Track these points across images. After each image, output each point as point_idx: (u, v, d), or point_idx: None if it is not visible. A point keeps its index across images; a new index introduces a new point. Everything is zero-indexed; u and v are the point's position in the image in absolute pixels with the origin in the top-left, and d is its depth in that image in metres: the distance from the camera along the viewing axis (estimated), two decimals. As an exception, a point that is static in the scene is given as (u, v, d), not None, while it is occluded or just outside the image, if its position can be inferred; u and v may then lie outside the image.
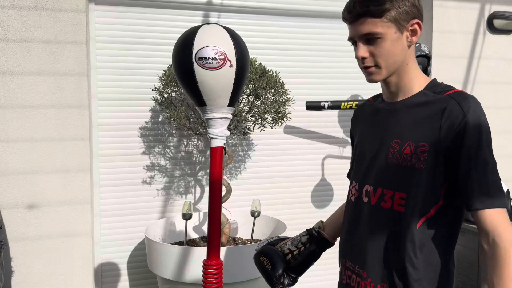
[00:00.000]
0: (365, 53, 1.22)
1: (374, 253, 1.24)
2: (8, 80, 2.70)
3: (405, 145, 1.21)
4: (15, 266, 2.76)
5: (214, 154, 1.51)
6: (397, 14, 1.17)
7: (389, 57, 1.20)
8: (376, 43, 1.20)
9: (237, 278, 2.48)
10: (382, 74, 1.24)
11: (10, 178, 2.73)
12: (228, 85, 1.36)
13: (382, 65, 1.22)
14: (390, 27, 1.18)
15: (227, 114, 1.47)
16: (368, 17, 1.18)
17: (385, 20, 1.17)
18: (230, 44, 1.34)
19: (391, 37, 1.19)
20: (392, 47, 1.20)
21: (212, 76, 1.32)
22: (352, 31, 1.25)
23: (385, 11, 1.17)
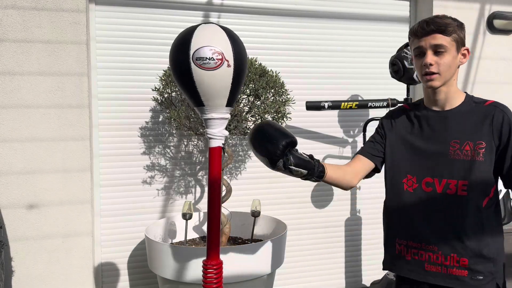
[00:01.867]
0: (433, 61, 1.55)
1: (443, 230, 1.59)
2: (8, 80, 2.70)
3: (464, 143, 1.57)
4: (15, 266, 2.76)
5: (213, 154, 1.51)
6: (458, 37, 1.57)
7: (448, 68, 1.56)
8: (441, 54, 1.55)
9: (237, 278, 2.48)
10: (440, 81, 1.58)
11: (11, 178, 2.73)
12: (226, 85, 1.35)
13: (442, 74, 1.56)
14: (452, 45, 1.56)
15: (225, 114, 1.47)
16: (440, 34, 1.54)
17: (450, 39, 1.55)
18: (228, 44, 1.33)
19: (452, 53, 1.56)
20: (451, 62, 1.56)
21: (210, 76, 1.32)
22: (422, 43, 1.57)
23: (453, 32, 1.55)
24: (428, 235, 1.61)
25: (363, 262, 3.68)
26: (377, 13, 3.56)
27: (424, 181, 1.63)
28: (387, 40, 3.57)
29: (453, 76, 1.59)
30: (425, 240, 1.62)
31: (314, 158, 1.69)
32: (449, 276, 1.58)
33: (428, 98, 1.67)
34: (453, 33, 1.55)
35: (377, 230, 3.68)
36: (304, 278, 3.53)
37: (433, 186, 1.61)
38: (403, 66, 2.84)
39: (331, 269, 3.60)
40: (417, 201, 1.64)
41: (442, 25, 1.54)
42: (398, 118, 1.77)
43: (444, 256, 1.58)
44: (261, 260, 2.58)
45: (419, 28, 1.57)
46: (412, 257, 1.66)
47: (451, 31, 1.54)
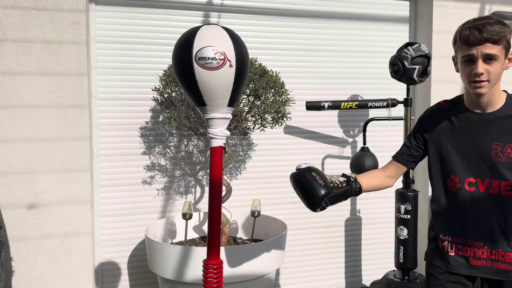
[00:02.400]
0: (483, 70, 1.56)
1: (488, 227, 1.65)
2: (8, 80, 2.70)
3: (506, 146, 1.61)
4: (16, 266, 2.76)
5: (214, 154, 1.51)
6: (507, 44, 1.58)
7: (496, 75, 1.58)
8: (491, 63, 1.56)
9: (237, 278, 2.48)
10: (487, 88, 1.60)
11: (11, 178, 2.73)
12: (227, 85, 1.36)
13: (492, 81, 1.58)
14: (502, 53, 1.57)
15: (227, 114, 1.47)
16: (491, 43, 1.55)
17: (501, 47, 1.56)
18: (230, 45, 1.34)
19: (501, 60, 1.58)
20: (500, 68, 1.59)
21: (212, 76, 1.32)
22: (474, 51, 1.57)
23: (503, 40, 1.56)
24: (473, 232, 1.68)
25: (363, 262, 3.68)
26: (377, 13, 3.56)
27: (466, 181, 1.69)
28: (387, 40, 3.57)
29: (498, 80, 1.62)
30: (470, 236, 1.69)
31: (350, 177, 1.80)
32: (495, 270, 1.66)
33: (470, 100, 1.69)
34: (504, 41, 1.56)
35: (377, 230, 3.68)
36: (304, 278, 3.53)
37: (476, 186, 1.67)
38: (403, 66, 2.84)
39: (331, 269, 3.60)
40: (460, 200, 1.71)
41: (495, 34, 1.54)
42: (437, 119, 1.79)
43: (489, 251, 1.66)
44: (261, 260, 2.58)
45: (470, 35, 1.57)
46: (456, 252, 1.73)
47: (502, 39, 1.55)
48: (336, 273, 3.61)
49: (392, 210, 3.62)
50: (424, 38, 3.52)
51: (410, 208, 3.04)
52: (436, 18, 3.46)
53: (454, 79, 3.49)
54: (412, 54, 2.83)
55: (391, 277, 3.18)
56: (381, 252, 3.70)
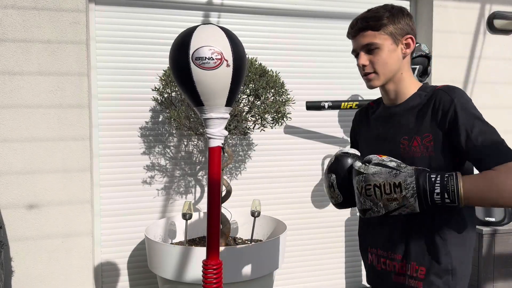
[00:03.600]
0: (365, 61, 1.43)
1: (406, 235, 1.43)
2: (8, 80, 2.70)
3: (412, 139, 1.40)
4: (15, 266, 2.76)
5: (212, 154, 1.51)
6: (393, 29, 1.41)
7: (386, 65, 1.42)
8: (375, 53, 1.42)
9: (237, 278, 2.48)
10: (380, 80, 1.45)
11: (10, 178, 2.73)
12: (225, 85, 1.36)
13: (380, 72, 1.43)
14: (386, 39, 1.41)
15: (224, 114, 1.47)
16: (368, 31, 1.41)
17: (382, 33, 1.41)
18: (227, 44, 1.34)
19: (388, 48, 1.41)
20: (388, 57, 1.42)
21: (209, 76, 1.32)
22: (354, 44, 1.47)
23: (383, 25, 1.40)
24: (393, 242, 1.46)
25: (363, 262, 3.67)
26: (377, 13, 3.56)
27: None
28: (387, 40, 3.56)
29: (398, 70, 1.44)
30: (391, 247, 1.47)
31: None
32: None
33: (382, 96, 1.55)
34: (384, 26, 1.40)
35: (377, 230, 3.68)
36: (304, 278, 3.53)
37: None
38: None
39: (331, 269, 3.60)
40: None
41: (370, 20, 1.41)
42: (360, 119, 1.66)
43: (407, 265, 1.42)
44: (261, 260, 2.58)
45: (349, 27, 1.47)
46: (381, 267, 1.51)
47: (380, 24, 1.40)
48: (336, 273, 3.61)
49: (392, 210, 3.62)
50: (424, 38, 3.52)
51: (410, 208, 3.03)
52: (436, 18, 3.46)
53: (454, 79, 3.50)
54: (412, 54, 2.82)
55: (391, 277, 3.17)
56: (381, 252, 3.69)
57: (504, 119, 3.61)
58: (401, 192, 1.25)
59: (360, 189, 1.31)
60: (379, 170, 1.29)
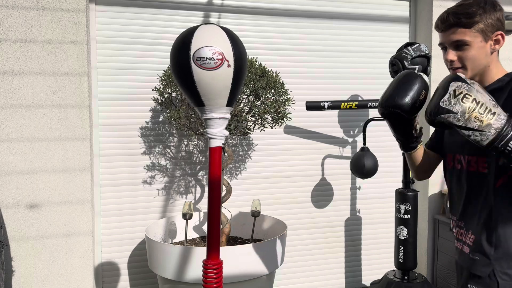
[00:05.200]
0: (453, 57, 1.46)
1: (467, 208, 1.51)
2: (8, 80, 2.70)
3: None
4: (16, 266, 2.76)
5: (213, 154, 1.51)
6: (484, 26, 1.42)
7: (474, 61, 1.45)
8: (463, 49, 1.44)
9: (237, 278, 2.48)
10: (467, 74, 1.47)
11: (11, 178, 2.73)
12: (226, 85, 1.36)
13: (468, 67, 1.46)
14: (477, 36, 1.42)
15: (225, 114, 1.47)
16: (459, 28, 1.42)
17: (473, 31, 1.41)
18: (228, 44, 1.34)
19: (478, 45, 1.43)
20: (477, 54, 1.44)
21: (210, 76, 1.32)
22: (443, 38, 1.48)
23: (474, 23, 1.41)
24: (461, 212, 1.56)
25: (363, 262, 3.68)
26: (377, 13, 3.56)
27: (455, 158, 1.59)
28: (387, 40, 3.57)
29: (486, 65, 1.47)
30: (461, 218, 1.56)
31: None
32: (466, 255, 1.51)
33: None
34: (475, 23, 1.40)
35: (377, 230, 3.68)
36: (304, 278, 3.53)
37: (461, 163, 1.56)
38: (403, 66, 2.84)
39: (331, 269, 3.60)
40: (453, 179, 1.61)
41: (461, 16, 1.41)
42: None
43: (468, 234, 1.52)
44: (261, 260, 2.58)
45: (439, 21, 1.48)
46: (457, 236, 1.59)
47: (472, 22, 1.40)
48: (336, 273, 3.61)
49: (392, 210, 3.63)
50: (424, 38, 3.52)
51: (410, 208, 3.04)
52: (436, 18, 3.45)
53: (454, 79, 3.49)
54: (412, 54, 2.83)
55: (391, 277, 3.18)
56: (381, 252, 3.70)
57: (504, 119, 3.61)
58: (491, 119, 1.28)
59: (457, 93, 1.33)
60: (483, 92, 1.34)
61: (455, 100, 1.32)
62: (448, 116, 1.31)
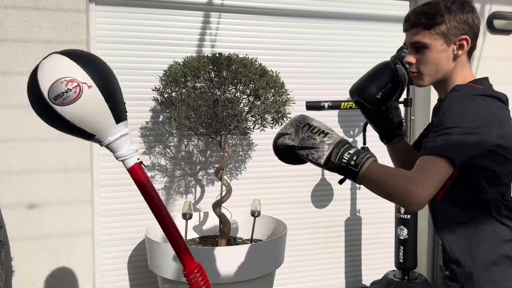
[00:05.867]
0: (411, 60, 1.36)
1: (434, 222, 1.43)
2: (8, 80, 2.70)
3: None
4: (16, 266, 2.76)
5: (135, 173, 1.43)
6: (446, 28, 1.30)
7: (432, 66, 1.33)
8: (422, 52, 1.33)
9: (237, 278, 2.48)
10: (425, 81, 1.37)
11: (11, 178, 2.73)
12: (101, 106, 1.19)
13: (425, 72, 1.35)
14: (437, 39, 1.30)
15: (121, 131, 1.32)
16: (419, 28, 1.32)
17: (433, 32, 1.30)
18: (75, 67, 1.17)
19: (437, 48, 1.31)
20: (437, 58, 1.32)
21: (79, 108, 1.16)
22: (406, 37, 1.40)
23: (435, 25, 1.30)
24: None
25: (363, 262, 3.68)
26: (377, 13, 3.56)
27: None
28: (387, 40, 3.57)
29: (447, 71, 1.34)
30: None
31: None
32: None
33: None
34: (436, 25, 1.29)
35: (377, 230, 3.68)
36: (304, 278, 3.53)
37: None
38: (403, 66, 2.84)
39: (331, 269, 3.60)
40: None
41: (422, 16, 1.31)
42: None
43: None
44: (261, 260, 2.58)
45: (404, 19, 1.39)
46: None
47: (433, 23, 1.29)
48: (336, 273, 3.61)
49: (392, 210, 3.62)
50: (424, 38, 3.52)
51: (410, 208, 3.04)
52: (436, 18, 3.45)
53: (454, 79, 3.49)
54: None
55: (391, 277, 3.18)
56: (381, 252, 3.70)
57: (504, 119, 3.60)
58: (324, 138, 1.26)
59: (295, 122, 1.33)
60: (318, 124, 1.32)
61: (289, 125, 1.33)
62: (284, 138, 1.31)
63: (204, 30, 3.23)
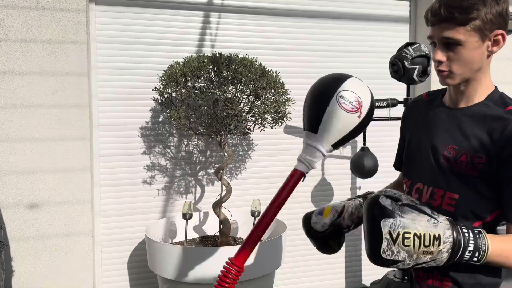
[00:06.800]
0: (442, 57, 1.24)
1: None
2: (8, 80, 2.70)
3: (462, 152, 1.24)
4: (16, 266, 2.76)
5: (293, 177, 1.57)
6: (482, 23, 1.17)
7: (465, 64, 1.22)
8: (455, 49, 1.21)
9: (237, 278, 2.48)
10: (455, 80, 1.25)
11: (11, 178, 2.73)
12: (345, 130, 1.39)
13: (457, 72, 1.23)
14: (472, 35, 1.19)
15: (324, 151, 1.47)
16: (452, 24, 1.18)
17: (468, 28, 1.18)
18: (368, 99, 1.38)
19: (472, 45, 1.20)
20: (471, 56, 1.21)
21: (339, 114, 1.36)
22: (433, 32, 1.26)
23: (471, 20, 1.17)
24: None
25: (363, 262, 3.68)
26: (377, 13, 3.56)
27: (415, 187, 1.38)
28: (387, 40, 3.57)
29: (478, 70, 1.25)
30: None
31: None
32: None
33: (447, 91, 1.37)
34: (472, 20, 1.16)
35: (377, 230, 3.68)
36: (304, 278, 3.53)
37: (421, 193, 1.35)
38: (403, 66, 2.84)
39: (331, 269, 3.60)
40: None
41: (455, 10, 1.17)
42: (412, 111, 1.50)
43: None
44: (261, 260, 2.58)
45: (429, 13, 1.25)
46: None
47: (468, 19, 1.16)
48: (336, 273, 3.61)
49: (392, 210, 3.62)
50: (424, 38, 3.52)
51: (410, 208, 3.03)
52: (436, 18, 3.45)
53: (454, 79, 3.49)
54: (412, 54, 2.83)
55: (391, 277, 3.18)
56: (381, 252, 3.69)
57: (504, 119, 3.61)
58: (439, 246, 1.10)
59: (395, 237, 1.09)
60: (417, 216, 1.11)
61: (397, 246, 1.09)
62: (397, 266, 1.12)
63: (204, 30, 3.23)
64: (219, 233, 2.87)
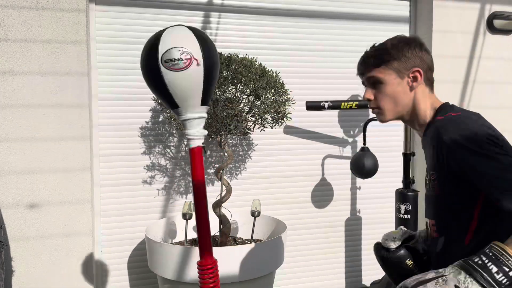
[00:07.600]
0: (370, 96, 1.42)
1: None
2: (8, 80, 2.70)
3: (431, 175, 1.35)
4: (16, 266, 2.76)
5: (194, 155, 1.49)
6: (397, 63, 1.37)
7: (391, 100, 1.39)
8: (379, 87, 1.39)
9: (237, 278, 2.48)
10: (386, 115, 1.42)
11: (11, 178, 2.73)
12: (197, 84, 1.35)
13: (384, 107, 1.40)
14: (390, 74, 1.38)
15: (201, 113, 1.45)
16: (373, 66, 1.40)
17: (386, 67, 1.38)
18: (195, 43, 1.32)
19: (392, 82, 1.38)
20: (394, 91, 1.38)
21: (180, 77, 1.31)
22: (363, 78, 1.45)
23: (385, 61, 1.38)
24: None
25: (363, 262, 3.68)
26: (377, 13, 3.56)
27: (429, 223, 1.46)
28: (387, 40, 3.56)
29: (408, 104, 1.40)
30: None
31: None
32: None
33: None
34: (387, 61, 1.37)
35: (377, 230, 3.68)
36: (304, 278, 3.53)
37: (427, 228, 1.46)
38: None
39: (331, 269, 3.60)
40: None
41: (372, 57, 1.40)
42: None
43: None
44: (261, 260, 2.58)
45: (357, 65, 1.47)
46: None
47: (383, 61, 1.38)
48: (336, 273, 3.61)
49: (392, 210, 3.62)
50: (424, 38, 3.52)
51: (410, 208, 3.04)
52: (436, 18, 3.46)
53: (454, 79, 3.50)
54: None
55: (391, 277, 3.17)
56: (381, 252, 3.69)
57: (504, 119, 3.61)
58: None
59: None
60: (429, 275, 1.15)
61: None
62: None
63: (204, 30, 3.23)
64: (219, 233, 2.87)
